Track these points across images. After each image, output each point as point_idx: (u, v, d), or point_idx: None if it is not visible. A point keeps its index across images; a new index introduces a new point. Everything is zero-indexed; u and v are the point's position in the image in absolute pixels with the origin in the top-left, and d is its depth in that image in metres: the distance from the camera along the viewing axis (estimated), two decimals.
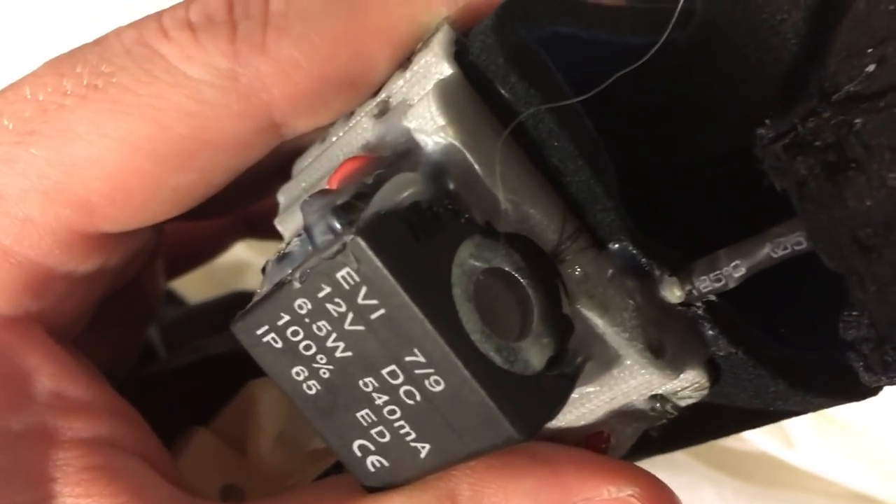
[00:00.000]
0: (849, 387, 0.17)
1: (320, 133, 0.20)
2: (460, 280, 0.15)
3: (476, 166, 0.16)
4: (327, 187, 0.17)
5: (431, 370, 0.15)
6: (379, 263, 0.15)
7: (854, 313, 0.15)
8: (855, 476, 0.36)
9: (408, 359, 0.15)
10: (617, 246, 0.17)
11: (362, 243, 0.15)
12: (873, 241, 0.14)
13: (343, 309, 0.15)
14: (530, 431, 0.15)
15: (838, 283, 0.15)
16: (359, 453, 0.17)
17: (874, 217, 0.14)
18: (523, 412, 0.15)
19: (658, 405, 0.18)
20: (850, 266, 0.15)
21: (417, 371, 0.15)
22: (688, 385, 0.17)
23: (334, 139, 0.19)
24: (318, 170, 0.20)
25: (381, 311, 0.15)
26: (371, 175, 0.16)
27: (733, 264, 0.16)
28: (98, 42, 0.18)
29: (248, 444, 0.22)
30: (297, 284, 0.15)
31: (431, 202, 0.16)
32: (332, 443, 0.17)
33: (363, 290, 0.15)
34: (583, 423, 0.18)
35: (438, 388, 0.15)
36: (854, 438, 0.36)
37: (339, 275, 0.15)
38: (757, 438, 0.37)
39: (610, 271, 0.17)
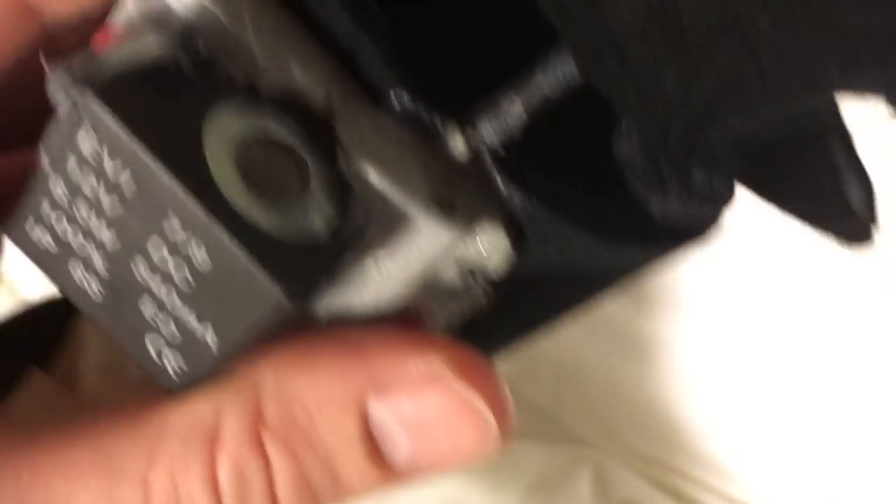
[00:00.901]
0: (661, 230, 0.16)
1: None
2: (219, 140, 0.14)
3: (226, 24, 0.15)
4: None
5: (189, 233, 0.14)
6: (111, 119, 0.14)
7: (625, 129, 0.14)
8: None
9: (165, 224, 0.14)
10: (394, 99, 0.16)
11: (92, 99, 0.14)
12: (633, 49, 0.14)
13: (94, 181, 0.14)
14: (303, 297, 0.14)
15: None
16: (152, 349, 0.16)
17: (631, 23, 0.14)
18: (293, 276, 0.14)
19: (470, 279, 0.17)
20: (614, 78, 0.14)
21: (177, 239, 0.14)
22: (489, 247, 0.16)
23: None
24: None
25: (127, 175, 0.14)
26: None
27: (510, 100, 0.15)
28: None
29: (77, 379, 0.21)
30: (46, 161, 0.15)
31: (180, 62, 0.15)
32: (128, 347, 0.16)
33: (105, 153, 0.14)
34: (388, 299, 0.17)
35: (201, 256, 0.14)
36: None
37: (78, 139, 0.14)
38: None
39: (388, 127, 0.16)
